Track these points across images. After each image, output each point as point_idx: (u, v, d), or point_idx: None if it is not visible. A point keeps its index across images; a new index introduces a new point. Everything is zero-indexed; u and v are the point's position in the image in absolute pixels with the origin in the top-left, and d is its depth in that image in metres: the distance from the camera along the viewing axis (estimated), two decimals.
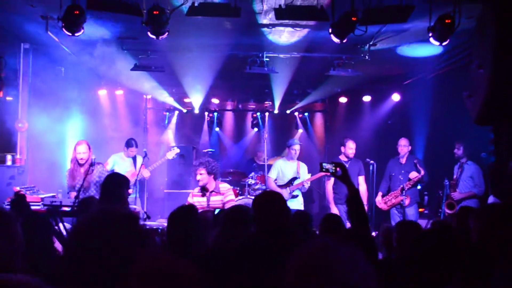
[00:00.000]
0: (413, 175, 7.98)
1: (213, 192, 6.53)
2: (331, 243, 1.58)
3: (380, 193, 8.36)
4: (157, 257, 1.60)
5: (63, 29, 5.62)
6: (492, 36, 5.86)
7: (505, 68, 5.77)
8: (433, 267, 2.51)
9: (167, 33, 5.89)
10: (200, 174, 6.42)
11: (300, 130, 11.80)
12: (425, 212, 8.71)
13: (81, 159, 7.12)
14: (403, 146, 8.27)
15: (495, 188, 7.27)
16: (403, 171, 8.14)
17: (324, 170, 3.72)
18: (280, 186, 8.24)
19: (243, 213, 4.07)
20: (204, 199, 6.52)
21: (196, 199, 6.52)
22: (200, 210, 5.88)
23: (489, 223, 2.81)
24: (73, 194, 7.03)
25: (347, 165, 7.98)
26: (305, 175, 8.34)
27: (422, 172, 7.88)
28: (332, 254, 1.54)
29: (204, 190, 6.54)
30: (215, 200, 6.47)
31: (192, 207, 3.91)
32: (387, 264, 3.80)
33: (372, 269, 1.54)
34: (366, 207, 7.94)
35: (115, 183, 4.92)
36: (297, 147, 8.36)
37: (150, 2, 5.59)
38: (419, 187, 8.38)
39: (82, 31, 5.73)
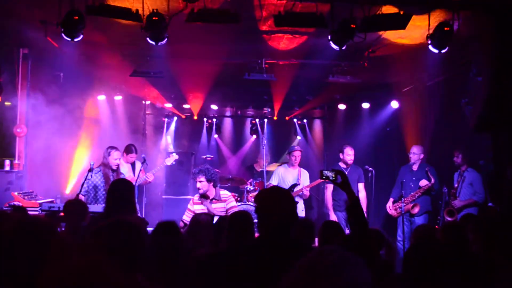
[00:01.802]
0: (423, 183, 7.93)
1: (214, 200, 6.50)
2: (330, 253, 1.58)
3: (391, 199, 8.30)
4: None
5: (63, 35, 5.63)
6: (491, 45, 5.90)
7: (504, 76, 5.80)
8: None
9: (166, 39, 5.89)
10: (200, 181, 6.39)
11: (298, 137, 11.81)
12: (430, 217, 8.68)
13: (116, 164, 7.28)
14: (413, 153, 8.22)
15: (494, 195, 7.28)
16: (414, 178, 8.09)
17: (324, 177, 3.71)
18: None
19: (247, 219, 4.06)
20: (205, 207, 6.49)
21: (197, 207, 6.49)
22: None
23: (490, 234, 2.82)
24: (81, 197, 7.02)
25: (346, 172, 8.07)
26: (305, 182, 8.33)
27: (433, 181, 7.84)
28: (330, 263, 1.55)
29: (204, 197, 6.50)
30: (217, 208, 6.43)
31: (173, 224, 3.83)
32: (389, 270, 3.80)
33: (368, 276, 1.55)
34: (365, 215, 7.91)
35: (123, 189, 4.88)
36: (296, 153, 8.35)
37: (150, 8, 5.60)
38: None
39: (81, 36, 5.73)
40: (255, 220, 7.65)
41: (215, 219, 5.33)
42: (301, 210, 8.23)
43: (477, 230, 3.15)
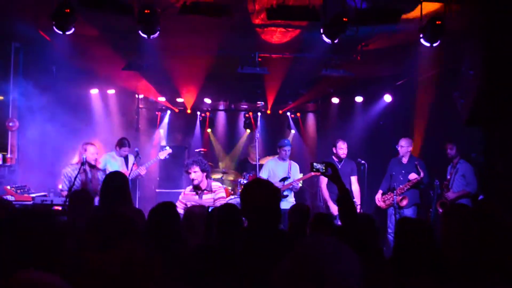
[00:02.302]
0: (413, 176, 7.97)
1: (205, 191, 6.55)
2: (319, 243, 1.60)
3: (380, 191, 8.32)
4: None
5: (54, 28, 5.61)
6: (482, 38, 5.91)
7: (495, 69, 5.82)
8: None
9: (158, 33, 5.88)
10: (194, 172, 6.43)
11: (293, 131, 11.82)
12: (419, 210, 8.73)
13: (94, 160, 7.13)
14: (401, 146, 8.24)
15: (485, 188, 7.34)
16: (403, 171, 8.13)
17: (315, 170, 3.74)
18: None
19: (233, 212, 4.08)
20: (196, 197, 6.54)
21: (188, 198, 6.56)
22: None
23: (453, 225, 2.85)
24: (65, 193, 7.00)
25: (339, 166, 8.10)
26: (296, 175, 8.33)
27: (422, 174, 7.87)
28: (320, 253, 1.56)
29: (197, 188, 6.56)
30: (207, 198, 6.48)
31: (171, 204, 3.93)
32: (380, 261, 3.82)
33: (359, 266, 1.57)
34: (359, 207, 7.95)
35: (118, 181, 4.87)
36: (287, 148, 8.35)
37: (142, 1, 5.59)
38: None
39: (73, 29, 5.71)
40: None
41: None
42: (291, 203, 8.24)
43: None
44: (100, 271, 1.60)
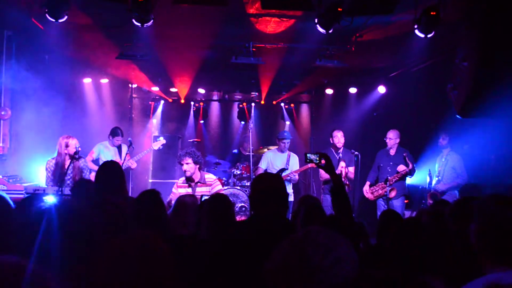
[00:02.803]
0: (401, 168, 8.00)
1: (199, 183, 6.52)
2: (309, 234, 1.60)
3: (368, 183, 8.36)
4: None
5: (47, 15, 5.55)
6: (477, 30, 5.91)
7: (489, 61, 5.83)
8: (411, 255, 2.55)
9: (152, 21, 5.84)
10: (187, 163, 6.40)
11: (288, 122, 11.80)
12: (409, 203, 8.78)
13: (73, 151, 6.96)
14: (390, 138, 8.26)
15: (477, 179, 7.38)
16: (391, 163, 8.16)
17: (308, 160, 3.74)
18: None
19: (226, 202, 4.08)
20: (190, 190, 6.51)
21: (181, 190, 6.50)
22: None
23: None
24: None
25: (337, 156, 8.10)
26: (294, 167, 8.32)
27: (410, 166, 7.90)
28: (311, 243, 1.56)
29: (189, 180, 6.53)
30: (202, 191, 6.44)
31: (156, 191, 3.96)
32: (370, 251, 3.84)
33: (354, 254, 1.57)
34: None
35: (112, 172, 4.83)
36: (287, 140, 8.34)
37: None
38: (408, 179, 8.42)
39: (65, 17, 5.66)
40: (239, 204, 7.67)
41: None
42: (289, 194, 8.26)
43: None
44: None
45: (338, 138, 8.23)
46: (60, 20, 5.64)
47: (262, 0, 5.84)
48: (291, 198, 8.25)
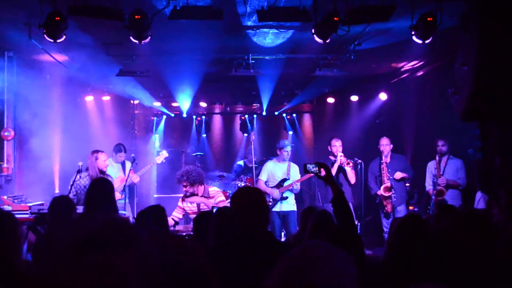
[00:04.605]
0: (398, 175, 8.03)
1: (203, 197, 6.56)
2: (306, 249, 1.59)
3: (378, 191, 8.33)
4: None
5: (45, 36, 5.59)
6: (475, 34, 5.89)
7: (489, 65, 5.80)
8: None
9: (149, 38, 5.87)
10: (184, 186, 6.49)
11: (290, 132, 11.80)
12: (415, 210, 8.74)
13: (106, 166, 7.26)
14: (386, 145, 8.30)
15: (483, 184, 7.32)
16: (389, 170, 8.16)
17: (308, 171, 3.73)
18: (271, 188, 8.22)
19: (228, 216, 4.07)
20: (194, 204, 6.59)
21: (186, 204, 6.60)
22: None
23: None
24: None
25: (337, 164, 8.07)
26: (295, 176, 8.30)
27: (408, 174, 8.03)
28: (316, 257, 1.55)
29: (193, 195, 6.58)
30: (206, 204, 6.49)
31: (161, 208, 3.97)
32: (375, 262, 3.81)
33: (354, 267, 1.56)
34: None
35: (103, 188, 4.85)
36: (288, 148, 8.32)
37: (132, 6, 5.57)
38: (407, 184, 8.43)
39: (63, 37, 5.69)
40: None
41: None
42: (292, 205, 8.23)
43: None
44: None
45: (337, 147, 8.22)
46: (59, 40, 5.66)
47: (258, 12, 5.86)
48: (294, 208, 8.23)
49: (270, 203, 7.94)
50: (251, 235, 2.91)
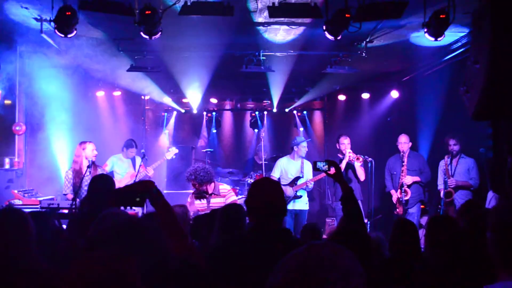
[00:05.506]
0: (408, 180, 7.94)
1: (213, 194, 6.52)
2: (321, 247, 1.57)
3: (393, 191, 8.24)
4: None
5: (56, 31, 5.60)
6: (488, 31, 5.82)
7: (501, 63, 5.73)
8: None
9: (160, 33, 5.86)
10: (193, 185, 6.46)
11: (301, 129, 11.74)
12: (426, 209, 8.66)
13: (94, 156, 7.24)
14: (404, 143, 8.13)
15: (494, 183, 7.24)
16: (408, 169, 8.07)
17: (317, 169, 3.70)
18: (284, 185, 8.15)
19: (239, 211, 4.06)
20: (204, 201, 6.52)
21: (197, 202, 6.53)
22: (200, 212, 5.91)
23: None
24: (70, 196, 7.04)
25: (346, 161, 8.00)
26: (309, 174, 8.19)
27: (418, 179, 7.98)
28: (322, 256, 1.53)
29: (203, 192, 6.53)
30: (216, 202, 6.42)
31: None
32: (383, 262, 3.78)
33: (361, 267, 1.53)
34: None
35: (106, 185, 4.82)
36: (305, 143, 8.24)
37: (143, 2, 5.56)
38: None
39: (74, 32, 5.70)
40: None
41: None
42: (305, 203, 8.17)
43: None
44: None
45: (345, 145, 8.12)
46: (70, 35, 5.67)
47: (269, 8, 5.83)
48: (306, 207, 8.19)
49: None
50: (268, 227, 2.82)
